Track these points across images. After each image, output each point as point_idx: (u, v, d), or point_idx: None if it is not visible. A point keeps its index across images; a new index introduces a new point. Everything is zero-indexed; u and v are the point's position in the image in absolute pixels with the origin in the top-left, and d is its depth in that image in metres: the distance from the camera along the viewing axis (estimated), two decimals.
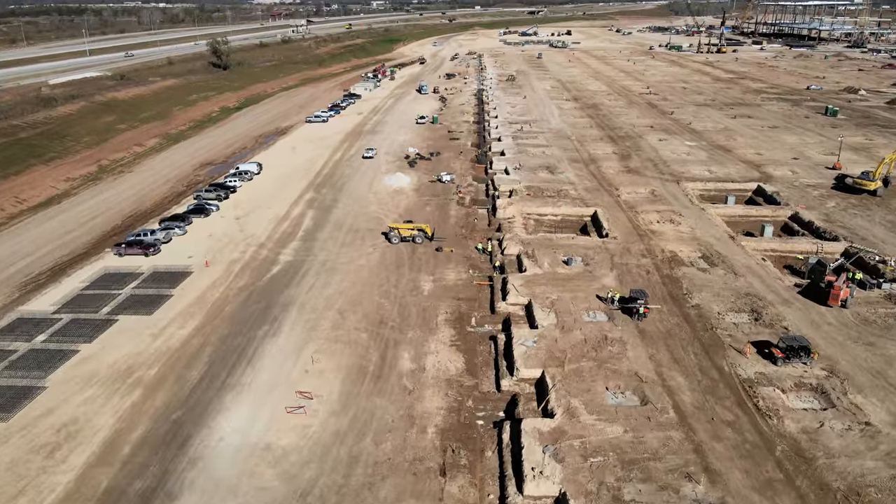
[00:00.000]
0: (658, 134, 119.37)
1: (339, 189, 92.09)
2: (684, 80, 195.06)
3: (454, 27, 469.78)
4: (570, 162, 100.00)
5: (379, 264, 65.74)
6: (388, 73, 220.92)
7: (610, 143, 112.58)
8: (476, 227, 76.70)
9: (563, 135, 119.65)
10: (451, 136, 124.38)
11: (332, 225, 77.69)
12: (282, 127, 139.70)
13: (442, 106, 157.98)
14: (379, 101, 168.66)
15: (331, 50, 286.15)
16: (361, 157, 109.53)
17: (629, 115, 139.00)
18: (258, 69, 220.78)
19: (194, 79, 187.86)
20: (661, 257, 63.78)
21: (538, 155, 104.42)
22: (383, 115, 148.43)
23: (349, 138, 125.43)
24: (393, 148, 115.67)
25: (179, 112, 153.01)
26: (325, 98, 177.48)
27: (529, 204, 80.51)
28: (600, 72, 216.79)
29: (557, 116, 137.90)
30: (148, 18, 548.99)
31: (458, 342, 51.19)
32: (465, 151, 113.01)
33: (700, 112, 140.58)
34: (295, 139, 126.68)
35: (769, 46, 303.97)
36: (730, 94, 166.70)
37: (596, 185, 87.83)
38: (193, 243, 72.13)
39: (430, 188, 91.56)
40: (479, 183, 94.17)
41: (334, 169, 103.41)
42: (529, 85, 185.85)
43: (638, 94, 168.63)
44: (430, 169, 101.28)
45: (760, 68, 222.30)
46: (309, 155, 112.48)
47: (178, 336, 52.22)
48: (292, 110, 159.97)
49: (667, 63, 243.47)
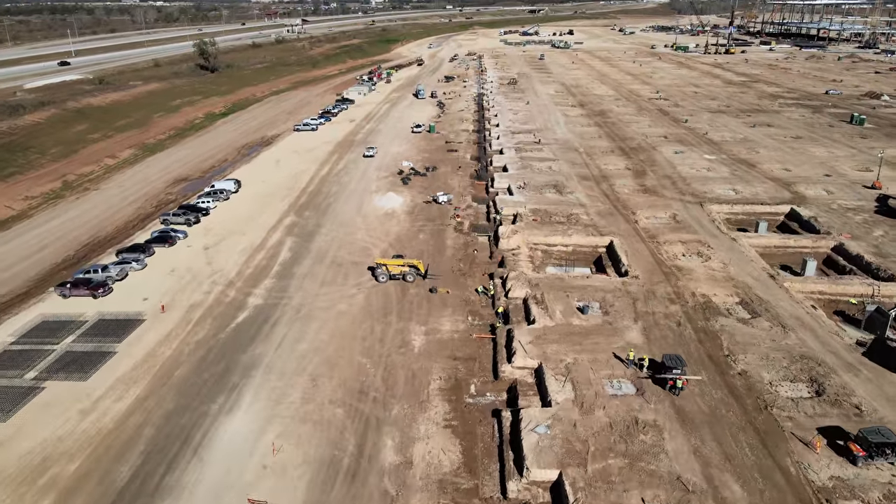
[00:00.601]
0: (673, 145, 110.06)
1: (324, 211, 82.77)
2: (694, 83, 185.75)
3: (454, 26, 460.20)
4: (580, 179, 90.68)
5: (363, 310, 56.47)
6: (383, 76, 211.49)
7: (622, 157, 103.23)
8: (476, 259, 67.42)
9: (571, 146, 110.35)
10: (448, 148, 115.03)
11: (313, 257, 68.39)
12: (268, 136, 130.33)
13: (440, 112, 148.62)
14: (373, 107, 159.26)
15: (326, 51, 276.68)
16: (363, 156, 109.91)
17: (640, 123, 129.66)
18: (248, 71, 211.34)
19: (179, 82, 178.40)
20: (692, 303, 54.51)
21: (544, 171, 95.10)
22: (377, 123, 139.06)
23: (339, 149, 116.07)
24: (385, 161, 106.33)
25: (160, 119, 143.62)
26: (316, 103, 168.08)
27: (536, 232, 71.19)
28: (606, 74, 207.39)
29: (563, 125, 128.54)
30: (142, 17, 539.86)
31: (454, 421, 41.91)
32: (464, 165, 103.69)
33: (715, 120, 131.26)
34: (280, 150, 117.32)
35: (778, 47, 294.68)
36: (744, 99, 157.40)
37: (610, 209, 78.51)
38: (152, 280, 62.86)
39: (424, 211, 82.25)
40: (479, 204, 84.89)
41: (320, 186, 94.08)
42: (532, 89, 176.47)
43: (647, 99, 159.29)
44: (425, 187, 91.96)
45: (773, 70, 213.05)
46: (294, 169, 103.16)
47: (114, 412, 42.93)
48: (280, 117, 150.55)
49: (674, 65, 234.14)
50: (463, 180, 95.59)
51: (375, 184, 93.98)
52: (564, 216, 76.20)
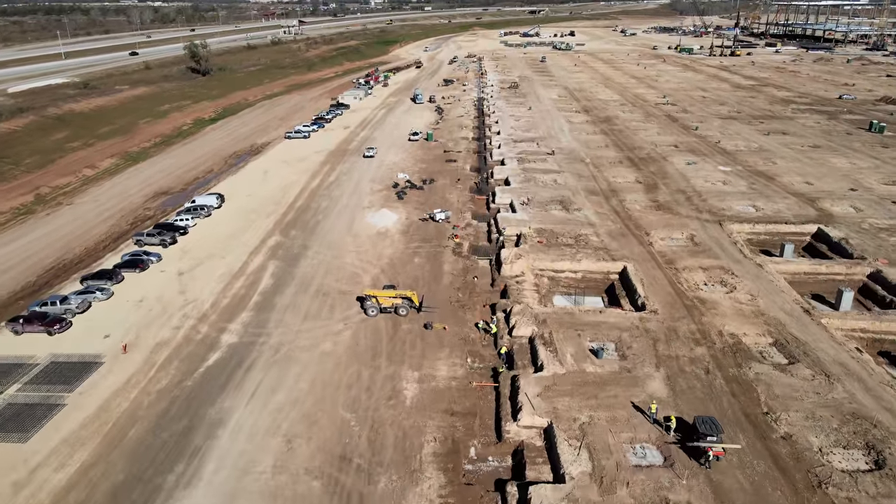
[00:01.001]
0: (685, 155, 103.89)
1: (312, 230, 76.56)
2: (702, 87, 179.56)
3: (453, 27, 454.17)
4: (588, 194, 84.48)
5: (349, 351, 50.29)
6: (381, 79, 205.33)
7: (631, 168, 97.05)
8: (476, 288, 61.24)
9: (576, 156, 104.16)
10: (447, 158, 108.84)
11: (297, 284, 62.20)
12: (257, 144, 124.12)
13: (438, 118, 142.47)
14: (369, 113, 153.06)
15: (322, 52, 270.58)
16: (362, 157, 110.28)
17: (648, 130, 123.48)
18: (241, 74, 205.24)
19: (168, 86, 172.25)
20: (720, 345, 48.33)
21: (549, 184, 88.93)
22: (372, 130, 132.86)
23: (331, 159, 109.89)
24: (380, 173, 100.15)
25: (146, 125, 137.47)
26: (310, 108, 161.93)
27: (542, 256, 64.99)
28: (610, 78, 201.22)
29: (568, 132, 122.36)
30: (138, 17, 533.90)
31: (451, 498, 35.75)
32: (464, 177, 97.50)
33: (727, 127, 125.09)
34: (269, 160, 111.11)
35: (784, 48, 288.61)
36: (755, 104, 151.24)
37: (621, 228, 72.30)
38: (118, 312, 56.69)
39: (420, 230, 76.05)
40: (480, 221, 78.72)
41: (310, 200, 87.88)
42: (534, 93, 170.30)
43: (654, 104, 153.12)
44: (421, 202, 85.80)
45: (781, 73, 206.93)
46: (283, 181, 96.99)
47: (52, 485, 36.75)
48: (272, 123, 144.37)
49: (679, 67, 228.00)
50: (462, 194, 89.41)
51: (368, 198, 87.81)
52: (572, 237, 70.01)
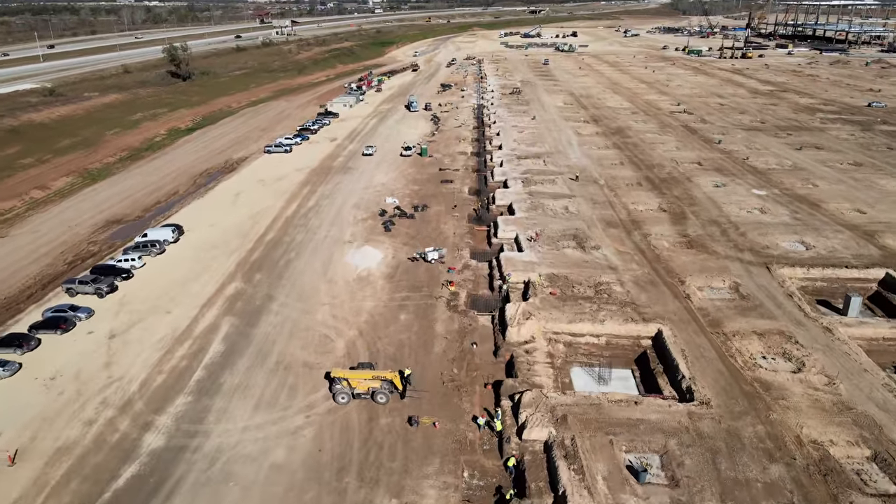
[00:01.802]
0: (711, 175, 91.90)
1: (281, 273, 64.49)
2: (717, 93, 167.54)
3: (452, 28, 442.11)
4: (605, 226, 72.44)
5: (308, 463, 38.22)
6: (374, 84, 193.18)
7: (652, 192, 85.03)
8: (475, 358, 49.22)
9: (589, 176, 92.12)
10: (443, 177, 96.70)
11: (253, 353, 50.14)
12: (233, 160, 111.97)
13: (434, 129, 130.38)
14: (359, 122, 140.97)
15: (314, 55, 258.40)
16: (361, 154, 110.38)
17: (666, 144, 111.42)
18: (225, 79, 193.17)
19: (144, 92, 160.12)
20: (802, 461, 36.29)
21: (560, 213, 76.87)
22: (361, 143, 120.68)
23: (312, 179, 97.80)
24: (366, 196, 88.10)
25: (113, 137, 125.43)
26: (296, 116, 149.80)
27: (556, 314, 52.91)
28: (618, 82, 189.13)
29: (577, 147, 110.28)
30: (129, 17, 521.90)
31: None
32: (461, 202, 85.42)
33: (753, 140, 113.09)
34: (243, 179, 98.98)
35: (797, 50, 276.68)
36: (778, 112, 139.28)
37: (649, 274, 60.27)
38: (18, 397, 44.66)
39: (409, 273, 63.99)
40: (480, 261, 66.68)
41: (283, 233, 75.80)
42: (538, 100, 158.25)
43: (669, 112, 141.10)
44: (412, 235, 73.75)
45: (799, 77, 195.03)
46: (255, 206, 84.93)
47: None
48: (252, 134, 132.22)
49: (690, 71, 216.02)
50: (459, 224, 77.32)
51: (350, 230, 75.71)
52: (591, 286, 57.98)
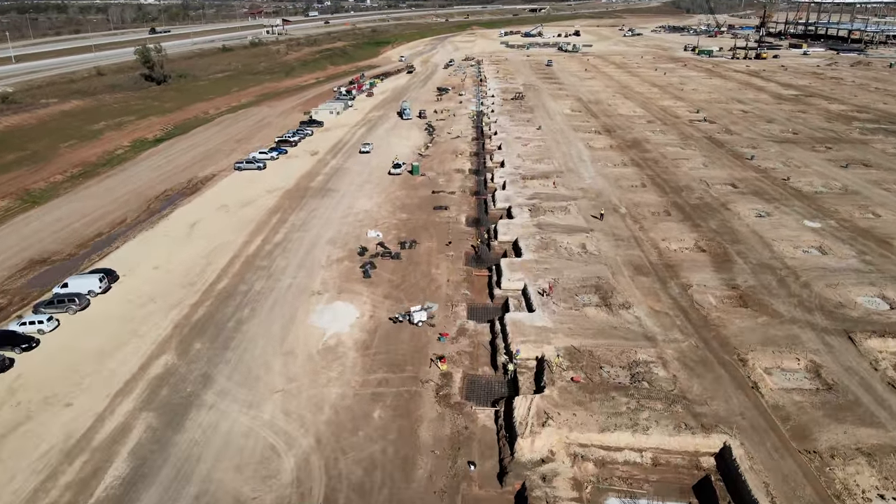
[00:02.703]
0: (750, 201, 78.33)
1: (227, 341, 50.83)
2: (737, 98, 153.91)
3: (450, 26, 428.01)
4: (634, 272, 58.83)
5: None
6: (365, 87, 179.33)
7: (685, 224, 71.36)
8: (473, 489, 35.60)
9: (607, 201, 78.54)
10: (436, 203, 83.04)
11: (166, 481, 36.36)
12: (198, 178, 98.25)
13: (428, 141, 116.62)
14: (346, 132, 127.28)
15: (304, 55, 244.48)
16: (359, 152, 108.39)
17: (691, 160, 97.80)
18: (205, 82, 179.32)
19: (111, 98, 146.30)
20: None
21: (576, 254, 63.23)
22: (345, 158, 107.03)
23: (284, 204, 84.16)
24: (344, 229, 74.43)
25: (68, 151, 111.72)
26: (277, 125, 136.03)
27: (582, 416, 39.23)
28: (628, 86, 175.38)
29: (590, 164, 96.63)
30: (118, 16, 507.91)
31: None
32: (457, 236, 71.77)
33: (789, 155, 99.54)
34: (205, 204, 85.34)
35: (812, 50, 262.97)
36: (810, 121, 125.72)
37: (699, 348, 46.62)
38: None
39: (389, 341, 50.37)
40: (479, 322, 53.13)
41: (239, 278, 62.18)
42: (542, 106, 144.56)
43: (688, 121, 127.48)
44: (396, 283, 60.11)
45: (821, 80, 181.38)
46: (211, 241, 71.29)
47: None
48: (226, 146, 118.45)
49: (703, 73, 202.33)
50: (454, 267, 63.69)
51: (322, 275, 62.08)
52: (625, 366, 44.42)
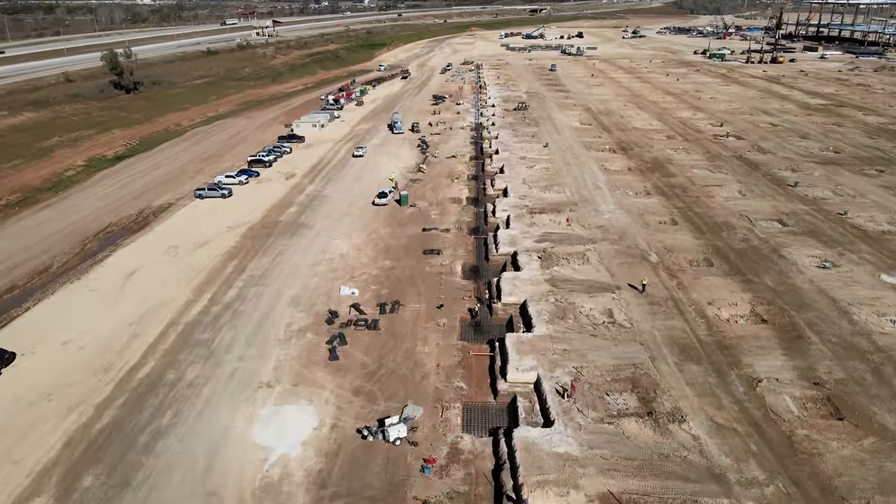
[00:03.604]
0: (805, 243, 64.57)
1: (131, 472, 36.83)
2: (761, 108, 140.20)
3: (449, 28, 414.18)
4: (680, 358, 45.02)
5: None
6: (354, 95, 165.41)
7: (734, 279, 57.41)
8: None
9: (633, 247, 64.71)
10: (427, 245, 69.03)
11: None
12: (151, 208, 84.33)
13: (420, 161, 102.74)
14: (329, 149, 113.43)
15: (293, 59, 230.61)
16: (352, 156, 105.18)
17: (725, 187, 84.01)
18: (181, 90, 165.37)
19: (70, 109, 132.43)
20: None
21: (601, 326, 49.38)
22: (325, 183, 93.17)
23: (246, 245, 70.27)
24: (313, 283, 60.52)
25: (11, 172, 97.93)
26: (253, 140, 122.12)
27: None
28: (640, 94, 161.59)
29: (607, 191, 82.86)
30: (107, 17, 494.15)
31: None
32: (451, 292, 57.83)
33: (836, 179, 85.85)
34: (150, 246, 71.34)
35: (830, 54, 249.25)
36: (849, 136, 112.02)
37: (789, 495, 32.90)
38: None
39: (353, 470, 36.43)
40: (479, 437, 39.32)
41: (168, 361, 48.29)
42: (549, 118, 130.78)
43: (713, 136, 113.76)
44: (370, 371, 46.20)
45: (848, 87, 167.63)
46: (146, 300, 57.42)
47: None
48: (192, 166, 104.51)
49: (718, 79, 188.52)
50: (446, 344, 49.81)
51: (277, 354, 48.23)
52: None
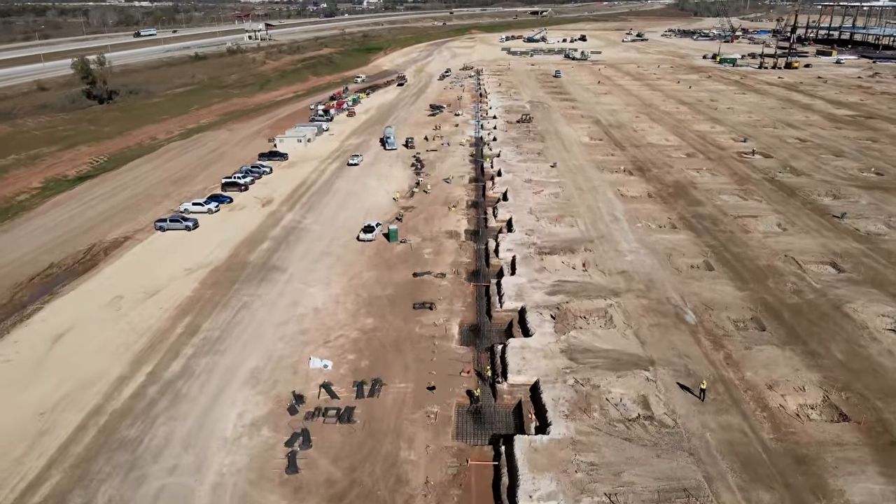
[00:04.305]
0: (870, 296, 53.80)
1: None
2: (784, 120, 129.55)
3: (448, 31, 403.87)
4: (743, 477, 34.12)
5: None
6: (346, 104, 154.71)
7: (796, 351, 46.52)
8: None
9: (664, 300, 53.89)
10: (417, 299, 58.04)
11: None
12: (103, 243, 73.42)
13: (413, 184, 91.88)
14: (313, 168, 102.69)
15: (284, 64, 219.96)
16: (347, 164, 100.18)
17: (762, 219, 73.14)
18: (160, 99, 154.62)
19: (33, 123, 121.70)
20: None
21: (637, 424, 38.53)
22: (306, 211, 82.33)
23: (204, 296, 59.38)
24: (277, 350, 49.68)
25: None
26: (232, 157, 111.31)
27: None
28: (651, 104, 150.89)
29: (626, 224, 71.99)
30: (99, 19, 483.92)
31: None
32: (445, 365, 46.89)
33: (887, 208, 75.13)
34: (91, 295, 60.35)
35: (845, 59, 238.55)
36: (888, 154, 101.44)
37: None
38: None
39: None
40: None
41: (78, 477, 37.37)
42: (555, 132, 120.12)
43: (736, 153, 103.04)
44: (337, 492, 35.36)
45: (873, 96, 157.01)
46: (66, 378, 46.50)
47: None
48: (160, 189, 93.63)
49: (733, 86, 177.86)
50: (438, 446, 38.94)
51: (221, 463, 37.32)
52: None
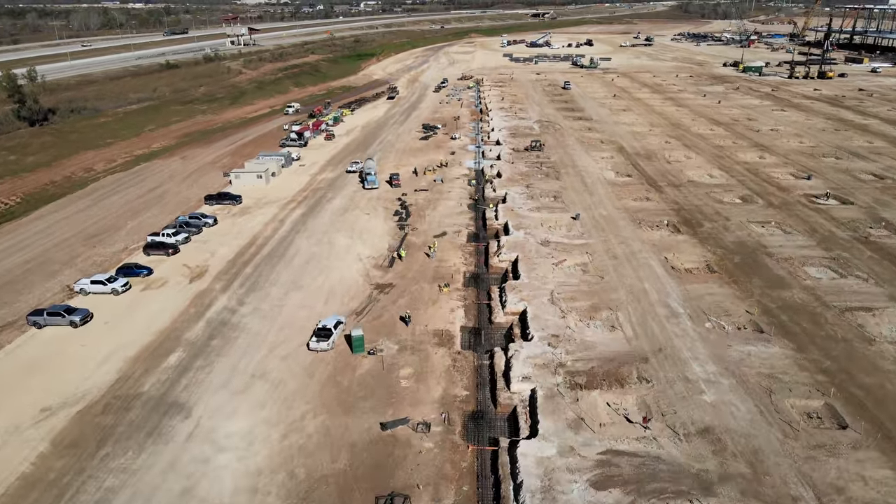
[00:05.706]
0: None
1: None
2: (845, 147, 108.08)
3: (446, 34, 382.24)
4: None
5: None
6: (325, 125, 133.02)
7: None
8: None
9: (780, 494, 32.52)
10: (381, 493, 36.56)
11: None
12: None
13: (396, 246, 70.08)
14: (270, 218, 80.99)
15: (262, 74, 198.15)
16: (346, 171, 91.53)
17: (881, 313, 51.61)
18: (109, 118, 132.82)
19: None
20: None
21: None
22: (246, 292, 60.46)
23: (53, 467, 37.68)
24: None
25: None
26: (176, 197, 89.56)
27: None
28: (679, 124, 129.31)
29: (690, 325, 50.19)
30: (81, 22, 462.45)
31: None
32: None
33: None
34: None
35: (880, 65, 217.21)
36: None
37: None
38: None
39: None
40: None
41: None
42: (572, 164, 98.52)
43: (804, 197, 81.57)
44: None
45: None
46: None
47: None
48: (65, 250, 71.78)
49: (768, 101, 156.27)
50: None
51: None
52: None
